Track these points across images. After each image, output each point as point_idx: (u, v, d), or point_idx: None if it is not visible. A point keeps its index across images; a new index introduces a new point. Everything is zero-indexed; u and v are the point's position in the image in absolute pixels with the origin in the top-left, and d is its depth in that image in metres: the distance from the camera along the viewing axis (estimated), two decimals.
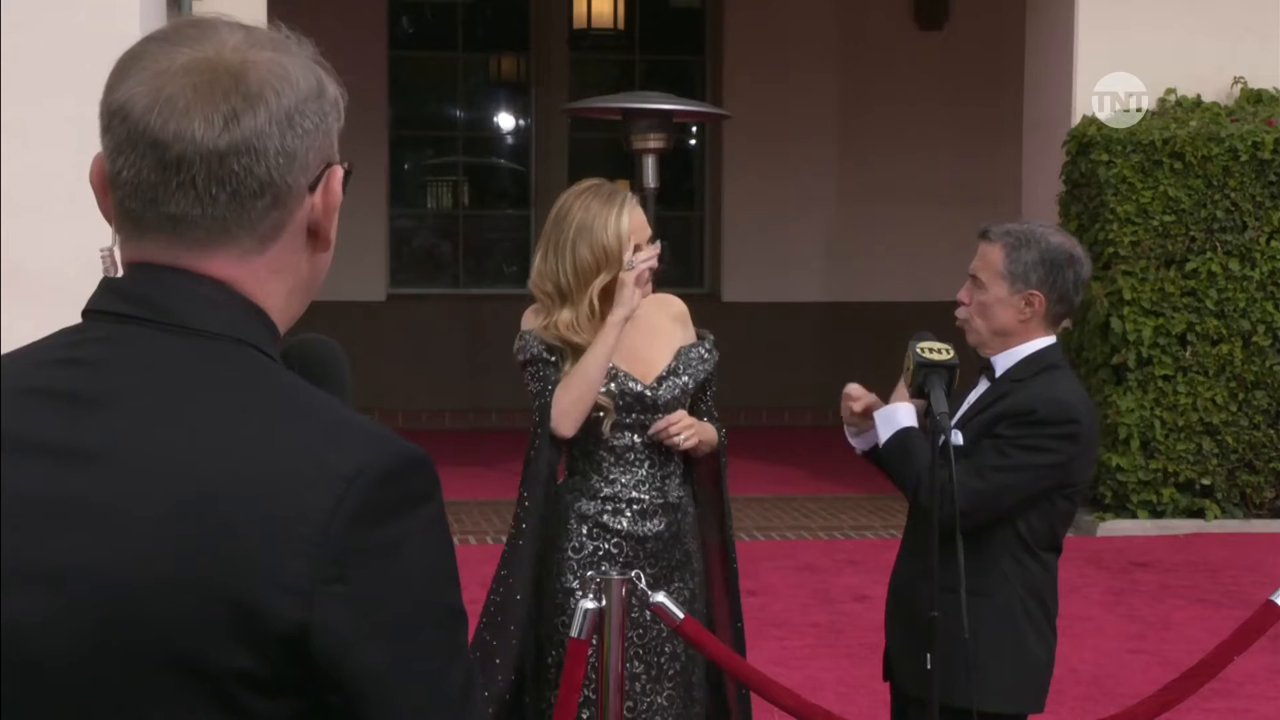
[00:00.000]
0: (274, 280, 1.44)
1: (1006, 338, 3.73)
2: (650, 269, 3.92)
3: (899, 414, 3.75)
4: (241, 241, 1.41)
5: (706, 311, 12.72)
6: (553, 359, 3.96)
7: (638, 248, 3.94)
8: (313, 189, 1.44)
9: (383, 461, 1.34)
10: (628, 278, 3.88)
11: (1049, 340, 3.76)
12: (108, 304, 1.42)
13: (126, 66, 1.41)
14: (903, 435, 3.72)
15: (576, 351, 3.94)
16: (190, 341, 1.39)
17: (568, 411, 3.91)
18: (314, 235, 1.46)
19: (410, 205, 14.69)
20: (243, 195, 1.39)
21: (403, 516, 1.34)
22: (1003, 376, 3.73)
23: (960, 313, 3.80)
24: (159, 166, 1.38)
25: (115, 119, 1.40)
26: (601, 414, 3.97)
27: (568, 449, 4.05)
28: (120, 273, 1.45)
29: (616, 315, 3.89)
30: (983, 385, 3.77)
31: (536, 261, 4.00)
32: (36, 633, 1.33)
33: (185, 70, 1.38)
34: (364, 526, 1.31)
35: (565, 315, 3.93)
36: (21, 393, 1.39)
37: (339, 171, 1.46)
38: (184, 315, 1.39)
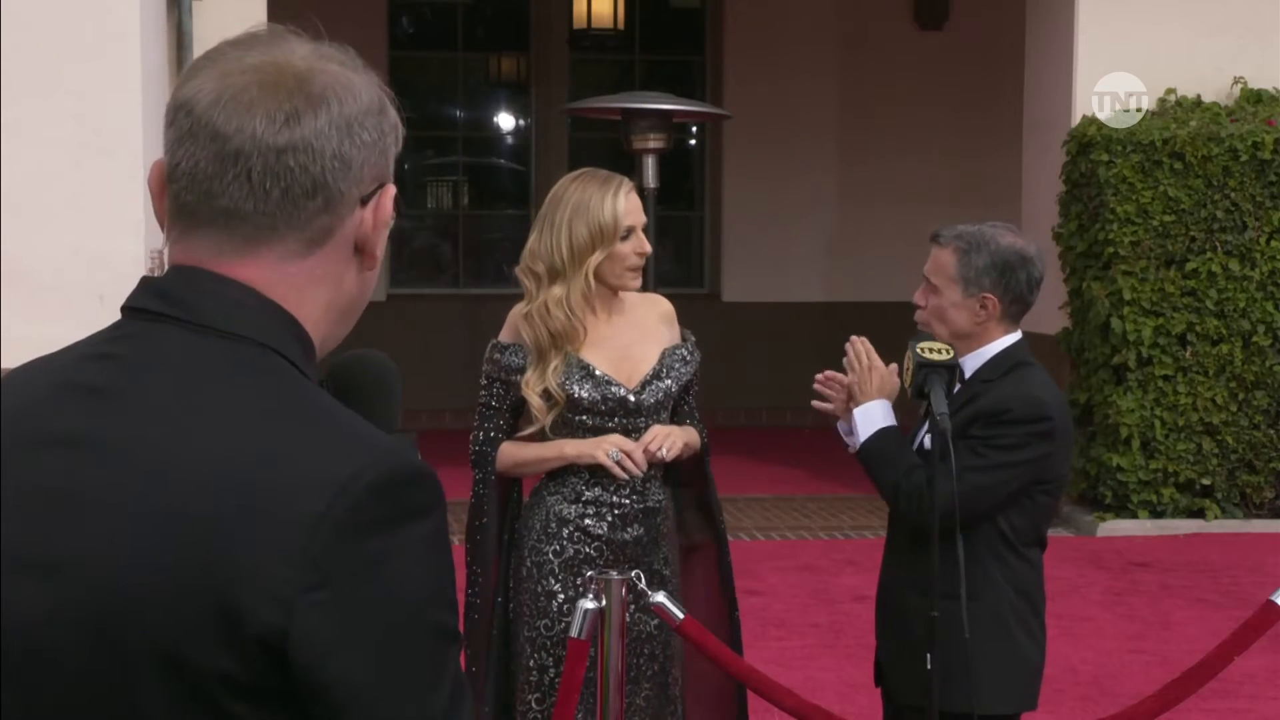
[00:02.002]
0: (313, 288, 1.45)
1: (966, 340, 3.73)
2: (625, 470, 3.89)
3: (876, 413, 3.74)
4: (288, 242, 1.43)
5: (706, 311, 12.76)
6: (502, 407, 4.00)
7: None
8: (364, 203, 1.46)
9: (378, 471, 1.33)
10: (603, 460, 3.86)
11: (1015, 337, 3.75)
12: (143, 301, 1.44)
13: (199, 66, 1.45)
14: (882, 435, 3.72)
15: (553, 337, 3.91)
16: (215, 342, 1.40)
17: (504, 472, 4.04)
18: (361, 251, 1.47)
19: (410, 205, 14.68)
20: (295, 193, 1.41)
21: (395, 529, 1.32)
22: (973, 378, 3.72)
23: (919, 315, 3.81)
24: (218, 158, 1.41)
25: (180, 112, 1.43)
26: (578, 418, 3.96)
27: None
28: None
29: (572, 449, 3.91)
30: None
31: (530, 242, 3.97)
32: (38, 622, 1.34)
33: (254, 69, 1.42)
34: (352, 535, 1.30)
35: (556, 291, 3.90)
36: (55, 387, 1.42)
37: (391, 190, 1.48)
38: (212, 316, 1.41)
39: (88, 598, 1.33)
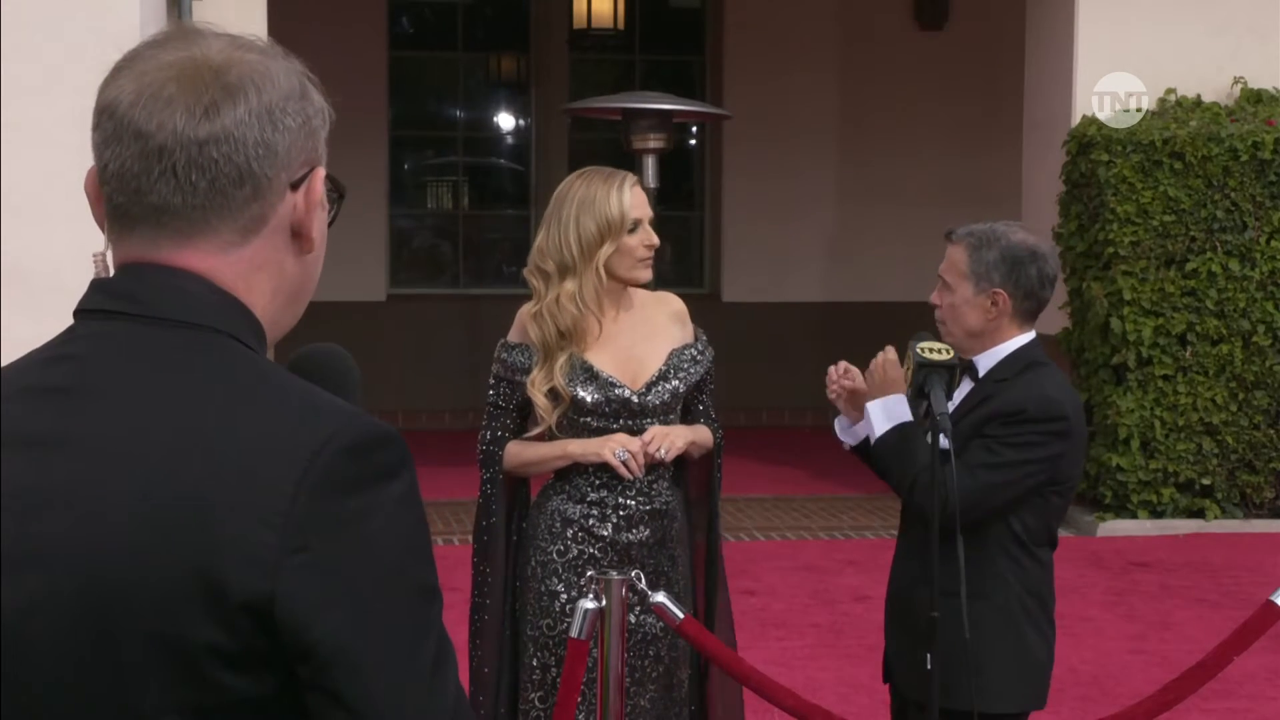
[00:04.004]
0: (255, 276, 1.48)
1: (980, 338, 3.73)
2: (629, 470, 3.88)
3: (896, 407, 3.74)
4: (222, 233, 1.45)
5: (706, 311, 12.81)
6: (509, 407, 4.01)
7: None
8: (295, 187, 1.48)
9: (348, 435, 1.37)
10: (609, 458, 3.86)
11: (1028, 337, 3.75)
12: (95, 302, 1.47)
13: (120, 68, 1.47)
14: (902, 431, 3.71)
15: (562, 335, 3.91)
16: (170, 332, 1.43)
17: (510, 471, 4.05)
18: (298, 236, 1.50)
19: (410, 205, 14.69)
20: (222, 184, 1.44)
21: (369, 490, 1.36)
22: (986, 377, 3.72)
23: (938, 315, 3.83)
24: (142, 156, 1.43)
25: (104, 115, 1.45)
26: (582, 419, 3.96)
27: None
28: (111, 274, 1.50)
29: (577, 448, 3.91)
30: (966, 386, 3.76)
31: (538, 241, 3.98)
32: (28, 616, 1.37)
33: (171, 66, 1.44)
34: (329, 498, 1.34)
35: (569, 286, 3.91)
36: (17, 392, 1.44)
37: (321, 172, 1.51)
38: (164, 308, 1.43)
39: (73, 590, 1.35)
